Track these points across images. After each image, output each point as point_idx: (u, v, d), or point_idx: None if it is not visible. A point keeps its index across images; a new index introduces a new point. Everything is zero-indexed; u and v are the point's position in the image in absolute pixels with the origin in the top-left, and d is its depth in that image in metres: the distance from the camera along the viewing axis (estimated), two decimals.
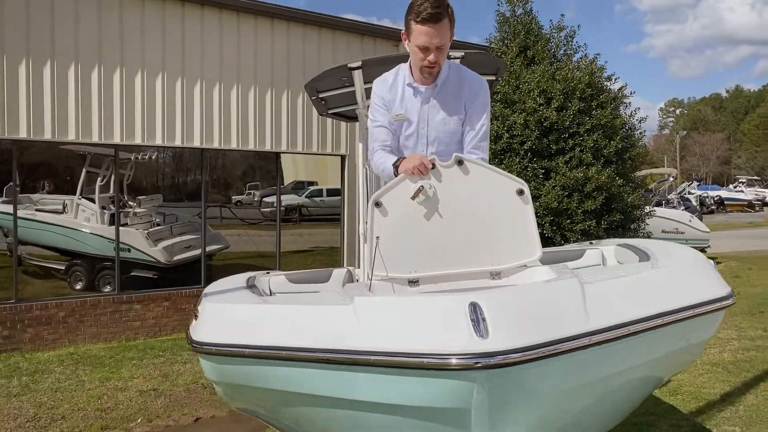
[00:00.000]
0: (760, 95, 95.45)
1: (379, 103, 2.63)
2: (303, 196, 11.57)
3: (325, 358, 1.63)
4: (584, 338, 1.54)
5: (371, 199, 2.14)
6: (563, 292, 1.67)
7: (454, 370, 1.44)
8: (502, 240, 2.19)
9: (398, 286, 2.11)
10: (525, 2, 11.53)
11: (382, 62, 4.03)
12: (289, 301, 2.09)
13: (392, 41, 10.44)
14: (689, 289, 1.91)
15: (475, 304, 1.51)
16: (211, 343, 1.89)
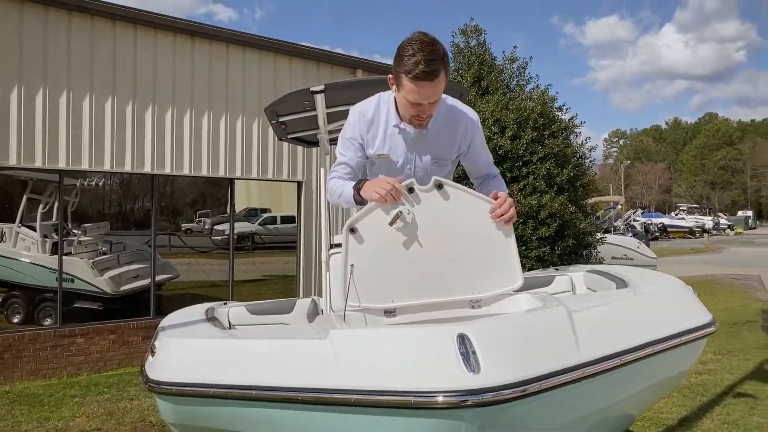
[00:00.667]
0: (697, 127, 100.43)
1: (353, 138, 2.40)
2: (256, 224, 11.34)
3: (299, 398, 1.50)
4: (578, 370, 1.47)
5: (345, 224, 2.03)
6: (552, 321, 1.59)
7: (443, 408, 1.33)
8: (482, 267, 2.10)
9: (372, 317, 2.00)
10: (479, 34, 11.80)
11: (345, 87, 3.97)
12: (256, 335, 1.93)
13: (348, 68, 10.46)
14: (675, 317, 1.87)
15: (464, 336, 1.41)
16: (170, 381, 1.73)
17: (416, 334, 1.51)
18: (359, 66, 10.49)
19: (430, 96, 2.18)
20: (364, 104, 2.44)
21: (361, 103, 2.46)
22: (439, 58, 2.13)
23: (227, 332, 2.00)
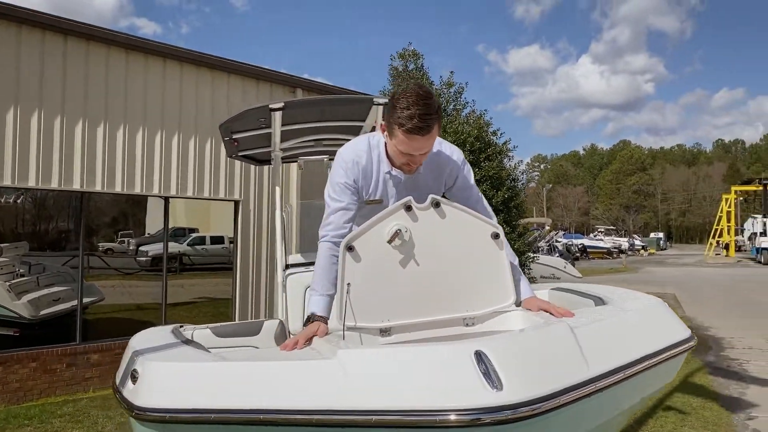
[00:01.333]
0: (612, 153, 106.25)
1: (349, 183, 2.33)
2: (184, 244, 10.95)
3: (314, 420, 1.43)
4: (590, 385, 1.49)
5: (343, 242, 2.00)
6: (559, 337, 1.62)
7: (469, 427, 1.32)
8: (476, 285, 2.12)
9: (367, 336, 1.96)
10: (416, 58, 12.07)
11: (303, 105, 3.95)
12: (251, 357, 1.85)
13: (288, 87, 10.38)
14: (661, 331, 1.94)
15: (480, 353, 1.41)
16: (165, 408, 1.62)
17: (433, 353, 1.49)
18: (299, 85, 10.44)
19: (422, 149, 2.21)
20: (355, 150, 2.40)
21: (351, 149, 2.41)
22: (434, 112, 2.15)
23: (217, 355, 1.90)
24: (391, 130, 2.20)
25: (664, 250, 63.34)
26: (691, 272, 28.57)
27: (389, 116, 2.20)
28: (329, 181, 2.42)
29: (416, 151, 2.19)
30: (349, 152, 2.39)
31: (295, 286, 3.86)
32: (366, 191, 2.39)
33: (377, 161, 2.37)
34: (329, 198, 2.37)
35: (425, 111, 2.10)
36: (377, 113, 3.98)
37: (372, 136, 2.43)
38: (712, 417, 5.96)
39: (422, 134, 2.13)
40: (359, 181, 2.36)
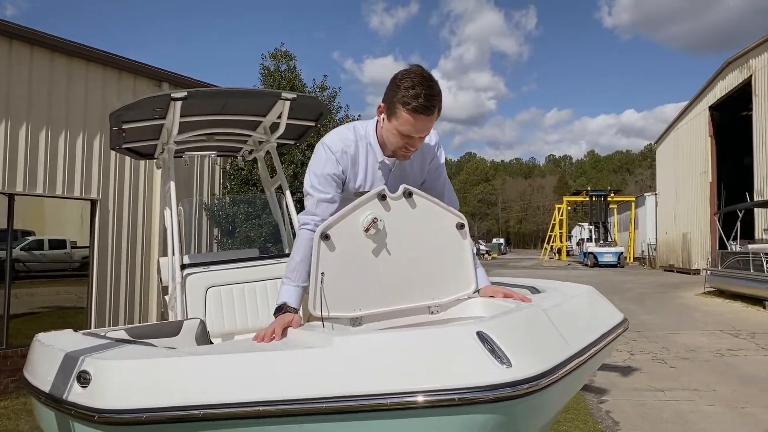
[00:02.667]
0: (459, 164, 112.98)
1: (336, 174, 2.24)
2: (18, 249, 9.83)
3: (323, 408, 1.33)
4: (574, 360, 1.58)
5: (318, 230, 1.91)
6: (538, 319, 1.69)
7: (490, 402, 1.33)
8: (440, 274, 2.15)
9: (338, 326, 1.89)
10: (289, 59, 11.92)
11: (208, 95, 3.74)
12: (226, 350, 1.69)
13: (154, 80, 9.75)
14: (604, 314, 2.10)
15: (482, 333, 1.44)
16: (139, 408, 1.42)
17: (437, 335, 1.48)
18: (166, 79, 9.84)
19: (424, 130, 2.17)
20: (342, 140, 2.28)
21: (337, 138, 2.28)
22: (437, 94, 2.13)
23: (182, 351, 1.71)
24: (393, 110, 2.14)
25: (504, 254, 68.38)
26: (532, 274, 31.12)
27: (391, 96, 2.14)
28: (311, 171, 2.28)
29: (418, 132, 2.16)
30: (336, 142, 2.27)
31: (194, 287, 3.64)
32: (354, 181, 2.31)
33: (366, 151, 2.30)
34: (313, 189, 2.25)
35: (430, 92, 2.09)
36: (283, 108, 3.87)
37: (357, 127, 2.33)
38: (571, 401, 6.54)
39: (427, 114, 2.11)
40: (347, 171, 2.28)
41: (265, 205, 10.50)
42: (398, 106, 2.11)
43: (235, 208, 10.26)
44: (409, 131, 2.15)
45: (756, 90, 20.35)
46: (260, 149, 4.80)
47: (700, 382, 6.62)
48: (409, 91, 2.08)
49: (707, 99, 25.21)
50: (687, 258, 28.37)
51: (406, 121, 2.12)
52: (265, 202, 10.62)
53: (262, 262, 3.99)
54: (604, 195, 43.36)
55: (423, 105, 2.08)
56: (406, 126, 2.13)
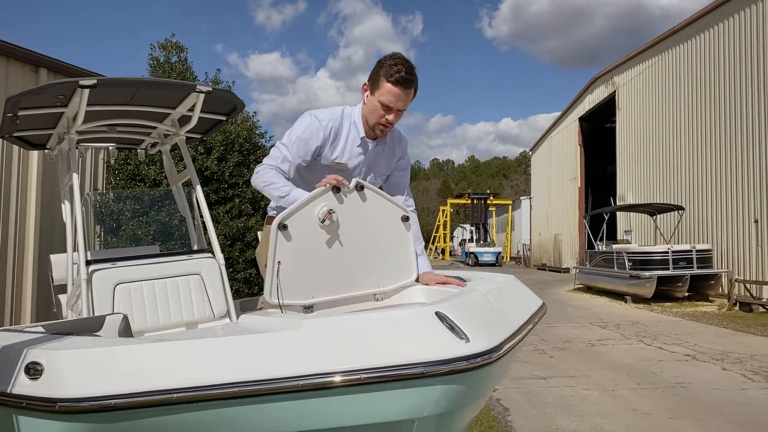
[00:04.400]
0: None
1: (313, 140, 2.49)
2: None
3: (298, 386, 1.38)
4: (515, 337, 1.74)
5: (276, 220, 1.93)
6: (482, 301, 1.84)
7: (454, 373, 1.45)
8: (385, 263, 2.26)
9: (292, 313, 1.93)
10: (180, 51, 11.48)
11: (119, 84, 3.58)
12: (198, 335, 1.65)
13: (30, 65, 9.01)
14: (527, 300, 2.29)
15: (440, 313, 1.56)
16: (105, 395, 1.36)
17: (399, 316, 1.59)
18: (44, 64, 9.13)
19: (403, 102, 2.45)
20: (329, 114, 2.56)
21: (324, 112, 2.57)
22: (416, 76, 2.46)
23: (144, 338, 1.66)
24: (377, 84, 2.44)
25: None
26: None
27: (376, 72, 2.45)
28: (294, 130, 2.49)
29: (396, 103, 2.43)
30: (325, 115, 2.54)
31: (101, 283, 3.47)
32: (331, 153, 2.53)
33: (349, 128, 2.56)
34: (287, 146, 2.48)
35: (410, 69, 2.41)
36: (197, 101, 3.79)
37: (345, 108, 2.61)
38: None
39: (406, 87, 2.41)
40: (328, 142, 2.51)
41: (154, 202, 10.05)
42: (381, 78, 2.42)
43: (121, 205, 9.73)
44: (389, 101, 2.42)
45: (619, 104, 22.43)
46: (166, 142, 4.63)
47: (576, 369, 7.24)
48: (392, 67, 2.40)
49: (577, 111, 27.39)
50: (558, 257, 30.61)
51: (388, 91, 2.41)
52: (153, 198, 10.17)
53: (173, 258, 3.88)
54: (484, 198, 45.59)
55: (404, 77, 2.39)
56: (387, 96, 2.42)
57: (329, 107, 2.65)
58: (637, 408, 5.44)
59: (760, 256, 13.74)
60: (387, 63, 2.43)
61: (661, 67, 18.98)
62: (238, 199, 10.16)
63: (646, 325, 11.04)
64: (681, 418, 5.10)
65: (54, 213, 8.78)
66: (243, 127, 10.70)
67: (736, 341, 9.13)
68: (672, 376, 6.74)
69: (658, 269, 14.26)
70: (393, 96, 2.42)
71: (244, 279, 9.79)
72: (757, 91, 13.87)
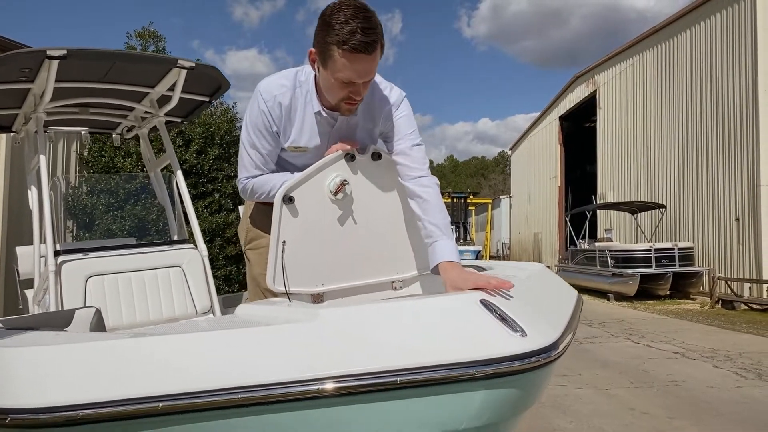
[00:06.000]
0: None
1: (269, 125, 2.00)
2: None
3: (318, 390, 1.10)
4: (569, 331, 1.48)
5: (281, 191, 1.64)
6: (523, 289, 1.58)
7: (509, 375, 1.18)
8: (404, 247, 1.97)
9: (300, 302, 1.64)
10: (158, 40, 11.10)
11: (93, 56, 3.27)
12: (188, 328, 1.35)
13: None
14: (566, 291, 2.03)
15: (486, 301, 1.30)
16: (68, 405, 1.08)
17: (440, 305, 1.31)
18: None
19: (367, 72, 1.86)
20: (276, 86, 2.02)
21: (271, 85, 2.02)
22: (377, 26, 1.81)
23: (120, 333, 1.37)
24: (327, 54, 1.82)
25: None
26: None
27: (322, 37, 1.81)
28: (246, 121, 2.04)
29: (360, 76, 1.85)
30: (270, 87, 2.01)
31: (71, 276, 3.16)
32: (287, 135, 2.03)
33: (304, 100, 2.02)
34: (245, 140, 2.03)
35: (368, 24, 1.78)
36: (178, 78, 3.49)
37: (299, 71, 2.05)
38: None
39: (368, 52, 1.79)
40: (280, 124, 2.01)
41: (129, 195, 9.67)
42: (332, 48, 1.80)
43: (94, 199, 9.33)
44: (349, 76, 1.83)
45: (600, 103, 22.47)
46: (144, 125, 4.32)
47: (567, 367, 7.07)
48: (343, 27, 1.76)
49: (557, 110, 27.42)
50: (537, 256, 30.65)
51: (344, 65, 1.81)
52: (128, 192, 9.78)
53: (151, 249, 3.58)
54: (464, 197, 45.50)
55: (362, 42, 1.76)
56: (344, 71, 1.82)
57: (284, 71, 2.09)
58: (633, 407, 5.28)
59: (741, 254, 13.79)
60: (335, 23, 1.77)
61: (642, 65, 19.03)
62: (218, 194, 9.83)
63: (632, 323, 10.97)
64: (680, 418, 4.95)
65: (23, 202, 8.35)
66: (223, 119, 10.37)
67: (722, 339, 9.07)
68: (664, 374, 6.62)
69: (641, 267, 14.25)
70: (352, 70, 1.82)
71: (224, 276, 9.47)
72: (738, 91, 13.93)
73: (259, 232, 2.14)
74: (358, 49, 1.76)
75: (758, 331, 9.89)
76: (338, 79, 1.85)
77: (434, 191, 2.00)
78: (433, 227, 1.89)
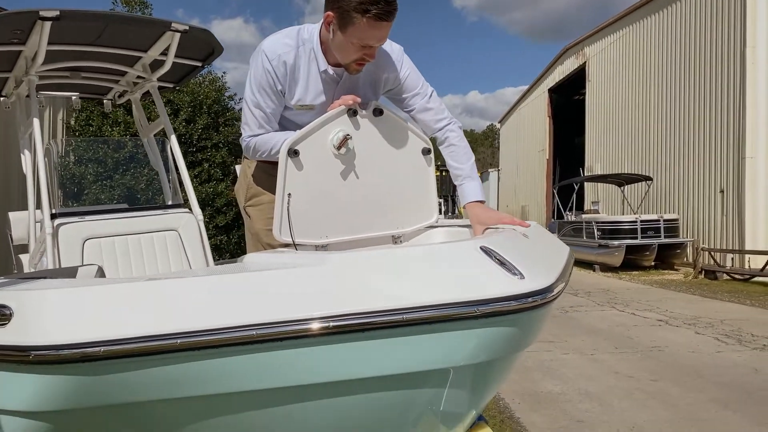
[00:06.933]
0: None
1: (273, 85, 2.05)
2: None
3: (330, 326, 1.18)
4: (563, 278, 1.54)
5: (285, 145, 1.67)
6: (520, 238, 1.65)
7: (511, 313, 1.25)
8: (404, 201, 2.02)
9: (304, 251, 1.70)
10: (144, 7, 10.91)
11: (85, 18, 3.24)
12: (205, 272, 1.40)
13: None
14: (558, 245, 2.10)
15: (486, 248, 1.36)
16: (96, 341, 1.12)
17: (442, 250, 1.38)
18: None
19: (384, 37, 1.97)
20: (280, 45, 2.06)
21: (275, 44, 2.06)
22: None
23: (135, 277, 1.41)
24: (347, 20, 1.89)
25: None
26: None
27: (344, 3, 1.89)
28: (250, 80, 2.07)
29: (378, 41, 1.96)
30: (274, 46, 2.05)
31: (68, 239, 3.18)
32: (292, 93, 2.08)
33: (308, 59, 2.07)
34: (249, 99, 2.06)
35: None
36: (171, 42, 3.47)
37: (301, 30, 2.11)
38: None
39: (389, 20, 1.90)
40: (285, 83, 2.06)
41: (118, 165, 9.61)
42: (354, 14, 1.88)
43: (83, 168, 9.27)
44: (367, 40, 1.94)
45: (589, 75, 22.47)
46: (136, 90, 4.29)
47: (553, 334, 7.23)
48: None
49: (546, 82, 27.38)
50: None
51: (364, 31, 1.90)
52: (117, 161, 9.72)
53: (147, 212, 3.60)
54: None
55: (385, 11, 1.87)
56: (363, 35, 1.92)
57: (286, 29, 2.14)
58: (618, 371, 5.43)
59: (725, 226, 14.02)
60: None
61: (631, 38, 19.01)
62: (207, 163, 9.81)
63: (617, 292, 11.17)
64: (663, 380, 5.11)
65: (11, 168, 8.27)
66: (212, 88, 10.29)
67: (705, 307, 9.29)
68: (648, 340, 6.79)
69: (627, 238, 14.45)
70: (372, 36, 1.92)
71: (215, 246, 9.50)
72: (726, 64, 13.99)
73: (260, 189, 2.21)
74: (381, 17, 1.87)
75: (739, 299, 10.13)
76: (356, 42, 1.94)
77: (459, 135, 2.21)
78: (460, 171, 2.13)
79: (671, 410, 4.28)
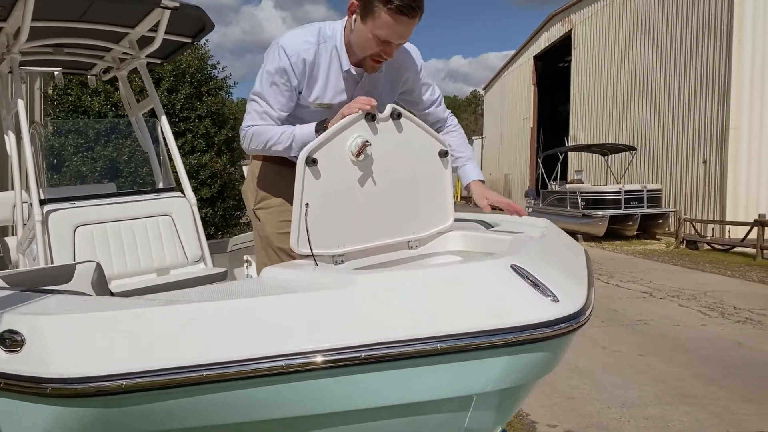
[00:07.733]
0: None
1: (289, 82, 1.98)
2: None
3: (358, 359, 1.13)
4: (591, 293, 1.51)
5: (302, 154, 1.61)
6: (543, 250, 1.61)
7: (543, 340, 1.22)
8: (421, 206, 1.97)
9: (326, 266, 1.64)
10: None
11: None
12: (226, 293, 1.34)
13: None
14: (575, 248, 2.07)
15: (516, 266, 1.32)
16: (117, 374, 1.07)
17: (474, 270, 1.33)
18: None
19: (405, 34, 1.91)
20: (300, 42, 1.99)
21: (296, 41, 1.99)
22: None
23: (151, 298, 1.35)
24: (370, 9, 1.84)
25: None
26: None
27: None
28: (263, 74, 1.99)
29: (398, 37, 1.89)
30: (294, 43, 1.98)
31: (59, 226, 3.10)
32: (311, 91, 2.03)
33: (329, 57, 2.02)
34: (259, 91, 2.00)
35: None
36: (161, 18, 3.34)
37: (323, 28, 2.04)
38: None
39: (412, 16, 1.84)
40: (303, 80, 2.00)
41: (99, 136, 9.38)
42: (376, 4, 1.83)
43: (62, 139, 9.03)
44: (387, 35, 1.88)
45: (575, 43, 22.34)
46: (123, 67, 4.14)
47: None
48: None
49: (532, 49, 27.17)
50: (508, 197, 30.93)
51: (386, 23, 1.84)
52: (98, 132, 9.48)
53: (141, 197, 3.51)
54: None
55: (409, 5, 1.81)
56: (384, 29, 1.86)
57: (305, 26, 2.09)
58: (605, 346, 5.52)
59: (706, 196, 14.21)
60: None
61: (618, 6, 18.86)
62: (191, 134, 9.61)
63: (601, 263, 11.31)
64: (650, 354, 5.20)
65: None
66: (194, 56, 10.01)
67: (687, 278, 9.45)
68: (634, 313, 6.90)
69: (610, 209, 14.58)
70: (392, 30, 1.86)
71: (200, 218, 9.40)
72: (712, 33, 13.97)
73: (269, 192, 2.15)
74: (403, 11, 1.81)
75: (720, 270, 10.32)
76: (375, 35, 1.88)
77: (459, 131, 2.42)
78: (461, 154, 2.31)
79: (659, 386, 4.37)
